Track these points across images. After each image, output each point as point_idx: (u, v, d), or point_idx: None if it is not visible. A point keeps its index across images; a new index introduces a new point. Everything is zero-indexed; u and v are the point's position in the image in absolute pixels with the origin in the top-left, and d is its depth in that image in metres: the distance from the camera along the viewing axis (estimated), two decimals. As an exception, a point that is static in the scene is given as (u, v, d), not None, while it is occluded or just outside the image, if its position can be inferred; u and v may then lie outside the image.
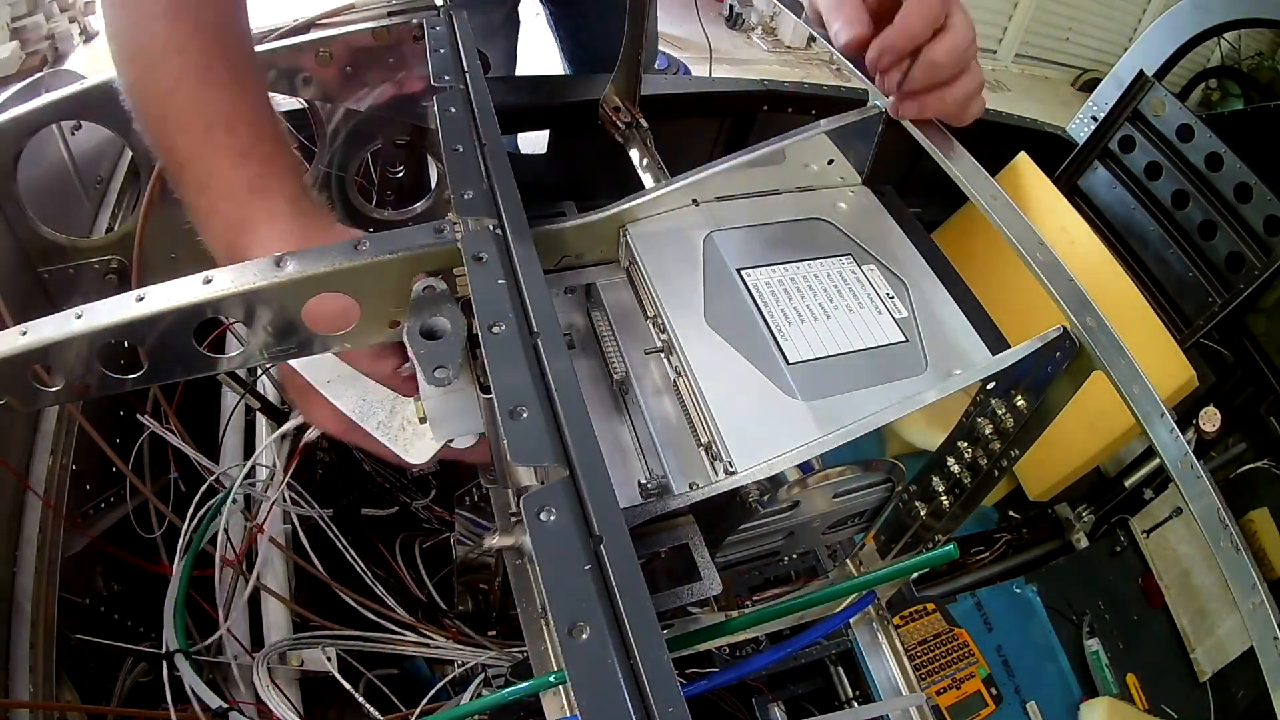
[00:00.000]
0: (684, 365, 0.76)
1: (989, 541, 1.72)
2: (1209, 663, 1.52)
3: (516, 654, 1.04)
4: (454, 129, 0.76)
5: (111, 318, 0.58)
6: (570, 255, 0.88)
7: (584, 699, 0.42)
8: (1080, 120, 1.95)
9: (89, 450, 0.99)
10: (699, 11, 3.46)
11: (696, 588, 0.62)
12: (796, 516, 0.74)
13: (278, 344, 0.65)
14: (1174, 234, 1.65)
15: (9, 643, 0.83)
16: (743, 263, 0.86)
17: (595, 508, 0.50)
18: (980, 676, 1.30)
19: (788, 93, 1.66)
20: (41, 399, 0.60)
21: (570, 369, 0.57)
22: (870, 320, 0.83)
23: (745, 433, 0.71)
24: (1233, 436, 1.69)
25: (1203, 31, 1.84)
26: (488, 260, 0.62)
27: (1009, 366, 0.68)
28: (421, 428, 0.76)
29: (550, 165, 1.57)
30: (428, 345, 0.60)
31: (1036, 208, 1.72)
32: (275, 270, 0.60)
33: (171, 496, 1.11)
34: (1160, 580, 1.61)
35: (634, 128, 1.29)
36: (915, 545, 0.87)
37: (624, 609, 0.45)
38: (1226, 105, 4.86)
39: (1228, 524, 0.60)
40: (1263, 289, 1.51)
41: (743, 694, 1.15)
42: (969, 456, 0.76)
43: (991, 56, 5.67)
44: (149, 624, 1.03)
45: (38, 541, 0.88)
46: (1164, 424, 0.62)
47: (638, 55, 1.27)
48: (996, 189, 0.75)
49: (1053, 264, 0.69)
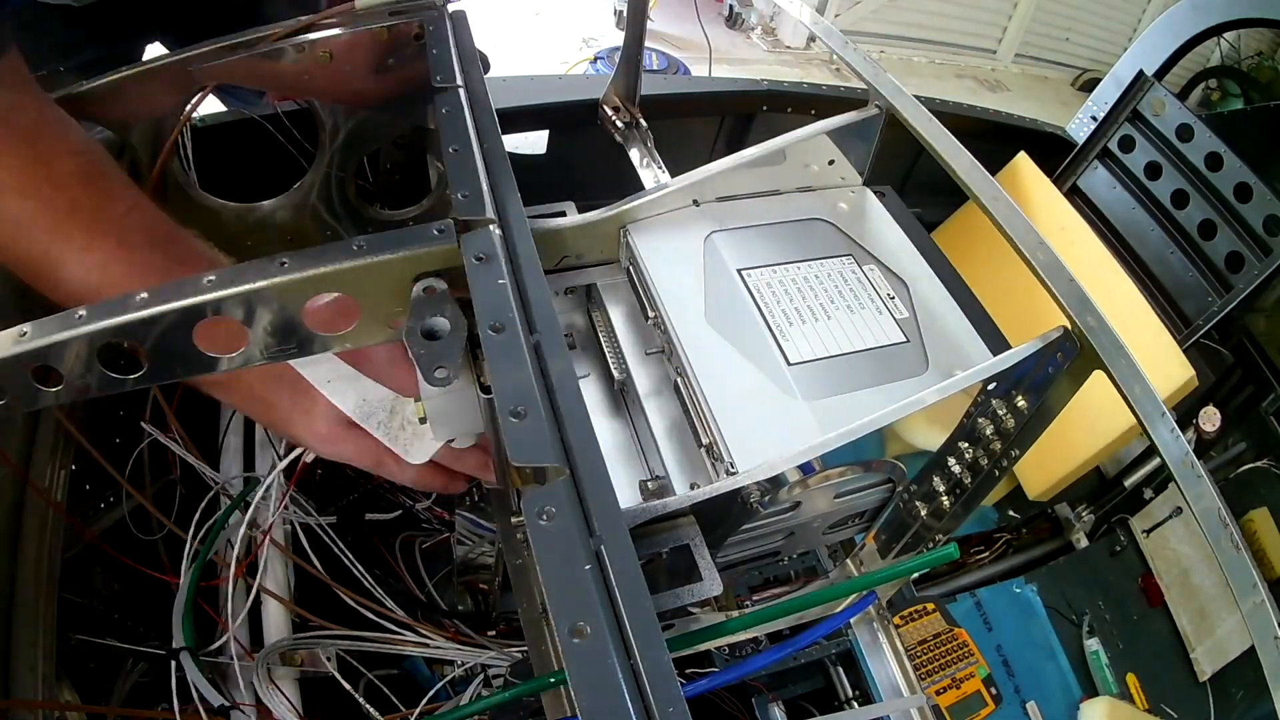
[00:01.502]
0: (685, 366, 0.76)
1: (989, 541, 1.72)
2: (1209, 662, 1.52)
3: (516, 654, 1.04)
4: (453, 129, 0.75)
5: (112, 318, 0.57)
6: (570, 255, 0.88)
7: (584, 699, 0.41)
8: (1080, 120, 1.95)
9: (88, 451, 0.99)
10: (698, 11, 3.47)
11: (697, 588, 0.62)
12: (797, 517, 0.74)
13: (277, 344, 0.65)
14: (1174, 234, 1.65)
15: (9, 642, 0.82)
16: (743, 263, 0.86)
17: (596, 508, 0.49)
18: (980, 676, 1.30)
19: (787, 93, 1.66)
20: (42, 399, 0.60)
21: (571, 369, 0.57)
22: (871, 321, 0.83)
23: (746, 433, 0.71)
24: (1232, 436, 1.69)
25: (1202, 31, 1.84)
26: (488, 260, 0.62)
27: (1010, 367, 0.68)
28: (421, 428, 0.76)
29: (550, 165, 1.57)
30: (428, 345, 0.60)
31: (1036, 207, 1.72)
32: (275, 270, 0.60)
33: (176, 501, 1.11)
34: (1160, 580, 1.61)
35: (634, 128, 1.29)
36: (916, 545, 0.87)
37: (624, 609, 0.45)
38: (1226, 105, 4.86)
39: (1228, 523, 0.60)
40: (1262, 289, 1.51)
41: (743, 694, 1.15)
42: (969, 457, 0.76)
43: (991, 56, 5.67)
44: (149, 624, 1.03)
45: (38, 541, 0.88)
46: (1165, 423, 0.62)
47: (638, 55, 1.27)
48: (997, 189, 0.75)
49: (1053, 263, 0.69)
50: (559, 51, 4.25)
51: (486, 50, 0.92)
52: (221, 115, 1.26)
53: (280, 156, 1.20)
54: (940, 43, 5.47)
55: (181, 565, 1.01)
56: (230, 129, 1.26)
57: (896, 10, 5.17)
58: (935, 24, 5.35)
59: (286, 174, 1.12)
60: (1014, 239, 0.71)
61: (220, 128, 1.25)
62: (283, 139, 1.20)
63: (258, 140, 1.22)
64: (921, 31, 5.35)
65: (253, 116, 1.24)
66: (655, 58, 3.89)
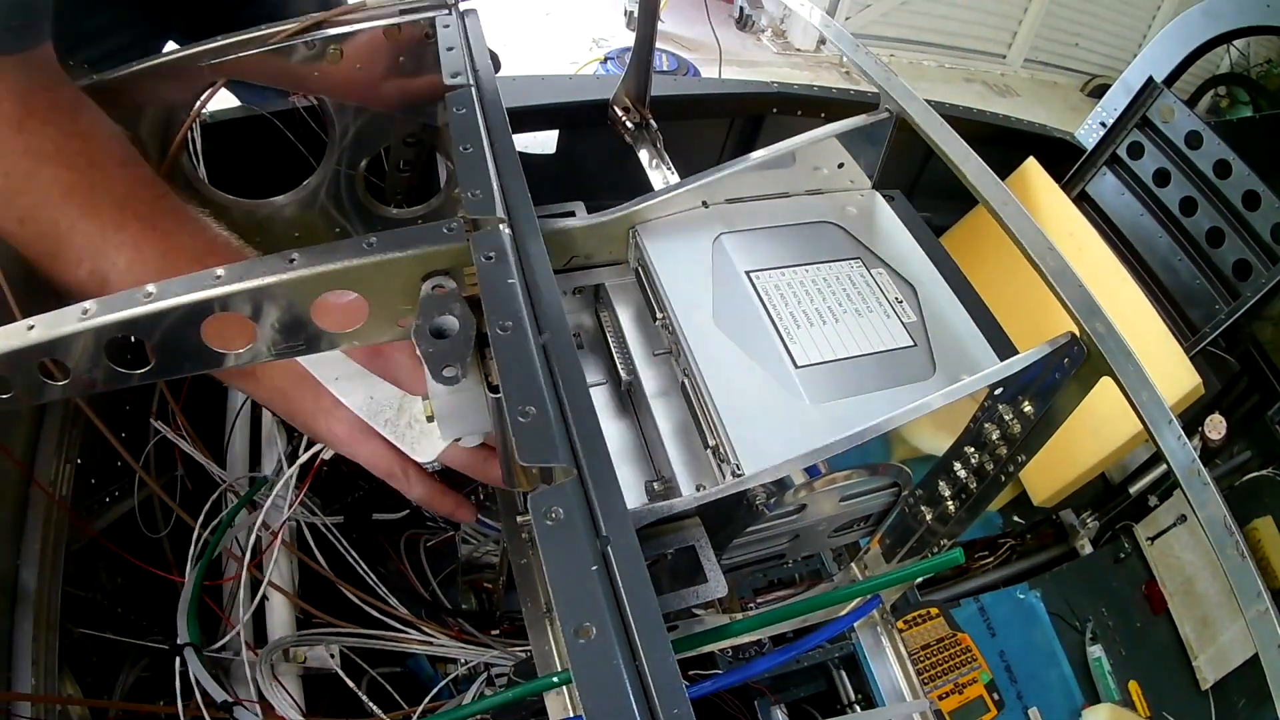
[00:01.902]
0: (692, 367, 0.76)
1: (993, 546, 1.71)
2: (1211, 671, 1.52)
3: (520, 653, 1.04)
4: (464, 128, 0.75)
5: (119, 312, 0.58)
6: (579, 255, 0.88)
7: (589, 700, 0.41)
8: (1089, 126, 1.94)
9: (93, 445, 0.99)
10: (709, 13, 3.47)
11: (702, 589, 0.62)
12: (802, 520, 0.74)
13: (285, 340, 0.65)
14: (1181, 241, 1.65)
15: (12, 636, 0.83)
16: (752, 265, 0.86)
17: (603, 509, 0.49)
18: (983, 682, 1.30)
19: (797, 95, 1.66)
20: (48, 393, 0.60)
21: (579, 369, 0.57)
22: (879, 324, 0.82)
23: (753, 435, 0.71)
24: (1237, 444, 1.68)
25: (1213, 38, 1.83)
26: (497, 259, 0.62)
27: (1017, 372, 0.68)
28: (429, 426, 0.76)
29: (559, 165, 1.57)
30: (436, 344, 0.60)
31: (1044, 213, 1.71)
32: (285, 266, 0.60)
33: (177, 496, 1.11)
34: (1163, 587, 1.60)
35: (643, 128, 1.29)
36: (920, 550, 0.87)
37: (630, 610, 0.45)
38: (1235, 112, 4.84)
39: (1233, 531, 0.60)
40: (1269, 297, 1.50)
41: (745, 696, 1.15)
42: (975, 462, 0.76)
43: (1000, 61, 5.67)
44: (152, 619, 1.03)
45: (42, 535, 0.89)
46: (1171, 430, 0.62)
47: (648, 56, 1.27)
48: (1008, 194, 0.75)
49: (1062, 269, 0.69)
50: (569, 51, 4.25)
51: (497, 49, 0.92)
52: (231, 111, 1.27)
53: (290, 153, 1.20)
54: (950, 47, 5.47)
55: (186, 562, 1.01)
56: (240, 125, 1.26)
57: (907, 14, 5.17)
58: (945, 28, 5.34)
59: (296, 171, 1.12)
60: (1023, 244, 0.71)
61: (230, 123, 1.25)
62: (292, 136, 1.20)
63: (267, 137, 1.22)
64: (931, 35, 5.35)
65: (263, 113, 1.24)
66: (665, 59, 3.89)
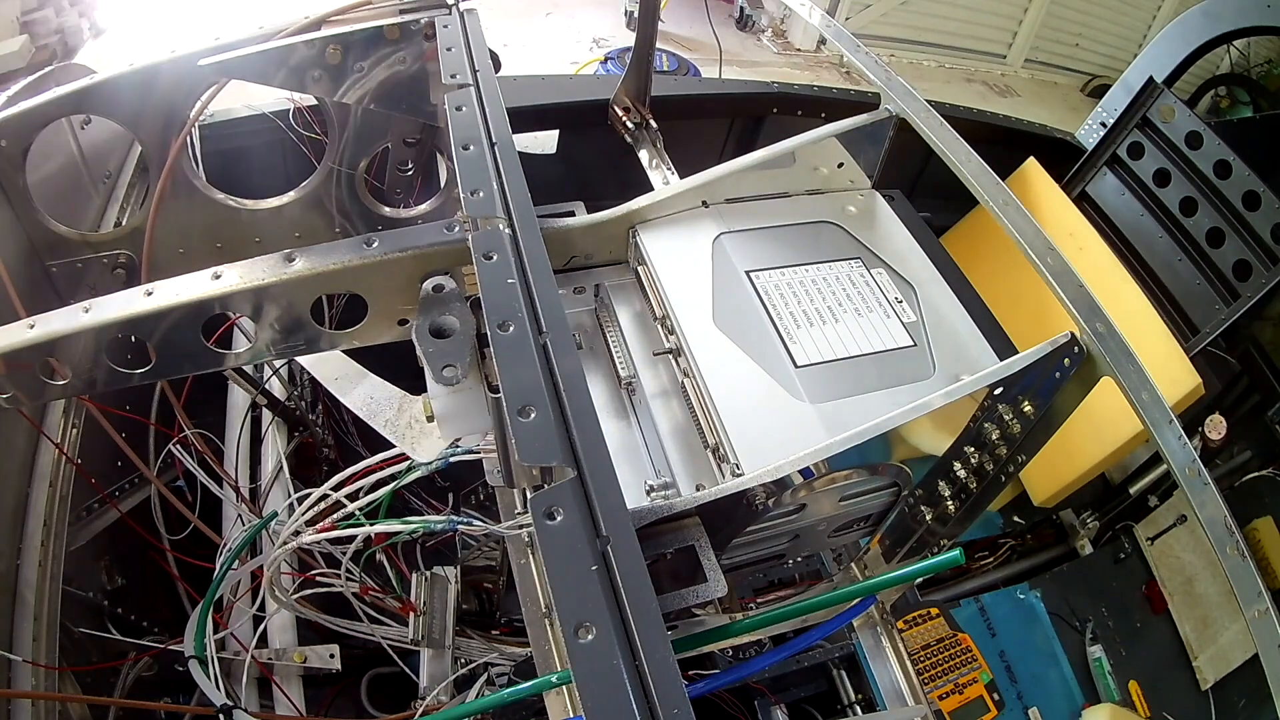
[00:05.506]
0: (692, 367, 0.76)
1: (993, 547, 1.71)
2: (1211, 671, 1.51)
3: (520, 653, 1.04)
4: (464, 127, 0.75)
5: (120, 312, 0.58)
6: (579, 255, 0.88)
7: (589, 699, 0.42)
8: (1089, 126, 1.94)
9: (92, 448, 0.99)
10: (709, 13, 3.47)
11: (702, 589, 0.62)
12: (802, 519, 0.74)
13: (285, 340, 0.65)
14: (1182, 241, 1.65)
15: (12, 635, 0.83)
16: (752, 265, 0.85)
17: (603, 508, 0.50)
18: (983, 682, 1.30)
19: (798, 95, 1.67)
20: (48, 392, 0.60)
21: (579, 369, 0.57)
22: (878, 324, 0.82)
23: (753, 435, 0.71)
24: (1237, 444, 1.68)
25: (1213, 39, 1.83)
26: (497, 259, 0.62)
27: (1017, 372, 0.68)
28: (429, 426, 0.76)
29: (559, 165, 1.57)
30: (436, 344, 0.60)
31: (1044, 213, 1.71)
32: (284, 266, 0.60)
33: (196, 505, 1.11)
34: (1164, 587, 1.60)
35: (643, 128, 1.29)
36: (920, 550, 0.86)
37: (630, 610, 0.45)
38: (1235, 113, 4.84)
39: (1233, 531, 0.59)
40: (1269, 297, 1.50)
41: (745, 696, 1.15)
42: (975, 462, 0.76)
43: (1001, 61, 5.66)
44: (151, 618, 1.03)
45: (41, 535, 0.89)
46: (1172, 430, 0.62)
47: (648, 56, 1.27)
48: (1008, 193, 0.75)
49: (1062, 269, 0.69)
50: (570, 51, 4.25)
51: (497, 49, 0.92)
52: (231, 112, 1.27)
53: (290, 154, 1.20)
54: (950, 47, 5.46)
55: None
56: (240, 126, 1.26)
57: (907, 14, 5.17)
58: (946, 28, 5.34)
59: (296, 171, 1.12)
60: (1023, 244, 0.71)
61: (230, 124, 1.25)
62: (293, 137, 1.20)
63: (268, 137, 1.22)
64: (932, 36, 5.35)
65: (263, 113, 1.24)
66: (665, 59, 3.88)
